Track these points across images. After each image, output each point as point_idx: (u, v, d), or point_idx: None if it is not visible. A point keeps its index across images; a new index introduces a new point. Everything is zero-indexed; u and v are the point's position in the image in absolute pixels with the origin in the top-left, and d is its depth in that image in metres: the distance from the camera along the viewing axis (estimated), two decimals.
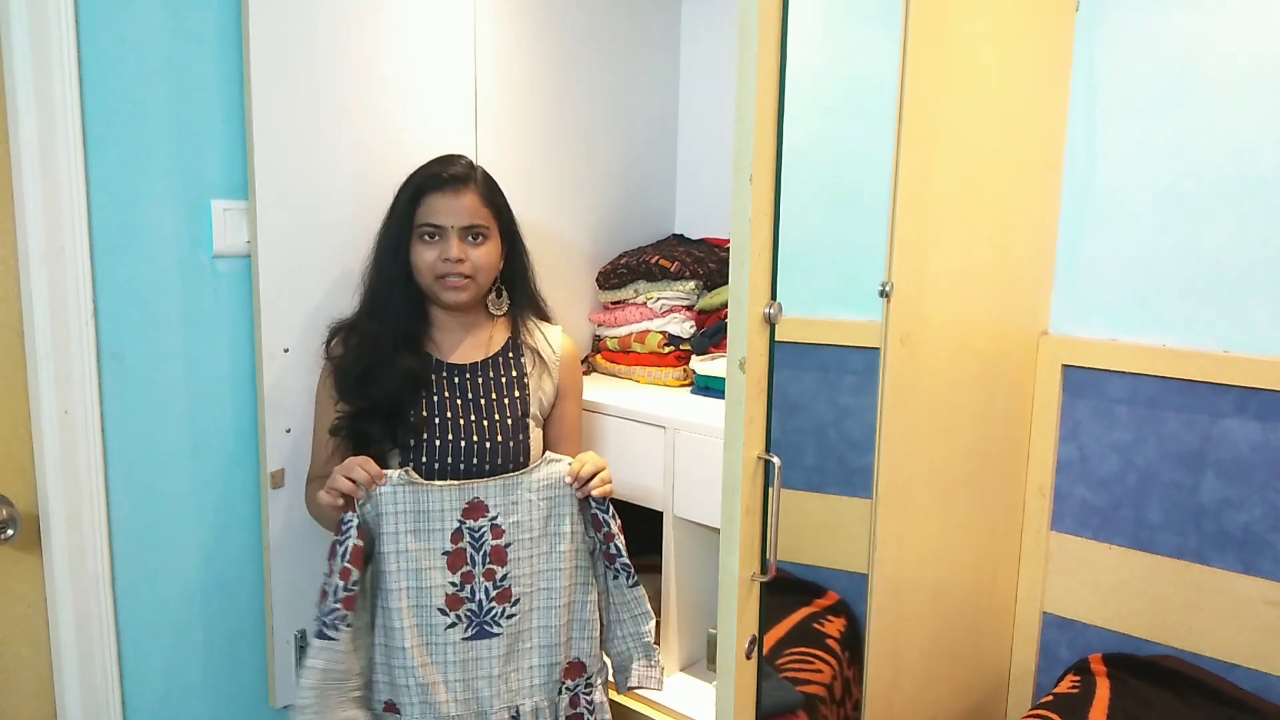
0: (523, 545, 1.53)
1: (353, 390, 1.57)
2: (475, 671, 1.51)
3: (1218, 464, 1.87)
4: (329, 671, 1.42)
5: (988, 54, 1.69)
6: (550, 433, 1.73)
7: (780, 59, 1.14)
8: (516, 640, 1.54)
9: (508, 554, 1.52)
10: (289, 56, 1.62)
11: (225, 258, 1.65)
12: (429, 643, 1.49)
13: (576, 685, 1.59)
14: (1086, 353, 2.00)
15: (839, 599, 2.14)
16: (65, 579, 1.52)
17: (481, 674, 1.52)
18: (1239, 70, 1.80)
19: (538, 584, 1.55)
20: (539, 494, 1.54)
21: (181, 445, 1.64)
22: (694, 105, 2.46)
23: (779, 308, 1.18)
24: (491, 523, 1.52)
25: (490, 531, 1.52)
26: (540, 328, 1.74)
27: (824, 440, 2.14)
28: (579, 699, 1.59)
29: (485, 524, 1.51)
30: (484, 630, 1.52)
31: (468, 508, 1.51)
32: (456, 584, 1.50)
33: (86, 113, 1.48)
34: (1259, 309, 1.81)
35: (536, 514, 1.54)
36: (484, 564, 1.52)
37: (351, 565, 1.41)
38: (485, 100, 1.97)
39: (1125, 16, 1.91)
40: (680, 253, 2.15)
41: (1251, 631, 1.84)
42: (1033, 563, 2.10)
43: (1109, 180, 1.96)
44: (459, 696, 1.50)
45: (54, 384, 1.48)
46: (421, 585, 1.48)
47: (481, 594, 1.51)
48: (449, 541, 1.50)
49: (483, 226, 1.60)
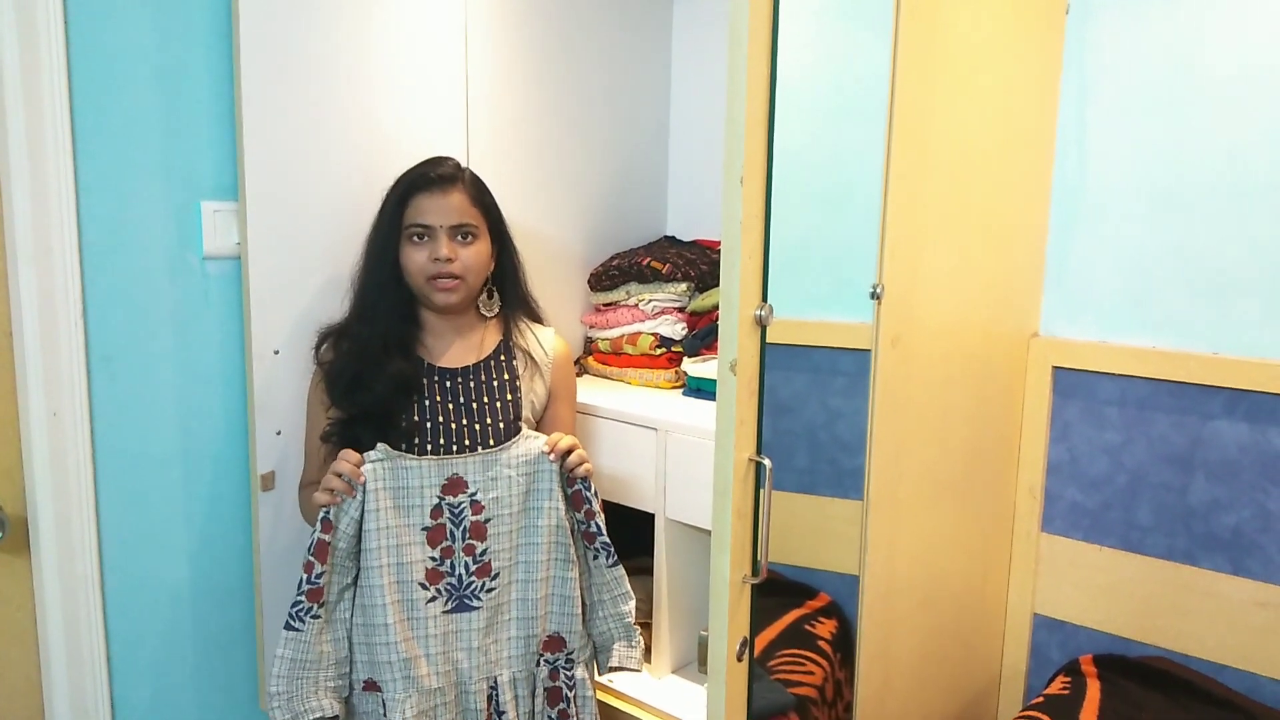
0: (502, 520, 1.54)
1: (344, 396, 1.56)
2: (455, 644, 1.53)
3: (1207, 465, 1.87)
4: (297, 662, 1.44)
5: (979, 56, 1.70)
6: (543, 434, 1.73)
7: (771, 61, 1.14)
8: (496, 613, 1.55)
9: (487, 529, 1.53)
10: (279, 58, 1.61)
11: (215, 259, 1.65)
12: (410, 617, 1.50)
13: (556, 659, 1.60)
14: (1077, 354, 2.00)
15: (830, 601, 2.13)
16: (54, 581, 1.52)
17: (461, 646, 1.53)
18: (1229, 72, 1.81)
19: (517, 558, 1.56)
20: (518, 470, 1.55)
21: (171, 447, 1.63)
22: (686, 107, 2.46)
23: (770, 309, 1.18)
24: (471, 498, 1.53)
25: (470, 507, 1.53)
26: (532, 329, 1.73)
27: (815, 442, 2.14)
28: (558, 673, 1.60)
29: (465, 500, 1.52)
30: (464, 604, 1.53)
31: (447, 484, 1.52)
32: (436, 559, 1.51)
33: (75, 114, 1.47)
34: (1249, 311, 1.81)
35: (516, 490, 1.55)
36: (464, 539, 1.52)
37: (315, 559, 1.43)
38: (476, 102, 1.96)
39: (1116, 19, 1.92)
40: (672, 254, 2.15)
41: (1241, 632, 1.84)
42: (1023, 564, 2.10)
43: (1099, 182, 1.97)
44: (439, 669, 1.51)
45: (43, 385, 1.47)
46: (402, 560, 1.49)
47: (461, 568, 1.53)
48: (429, 517, 1.51)
49: (472, 226, 1.60)
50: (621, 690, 1.82)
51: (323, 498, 1.44)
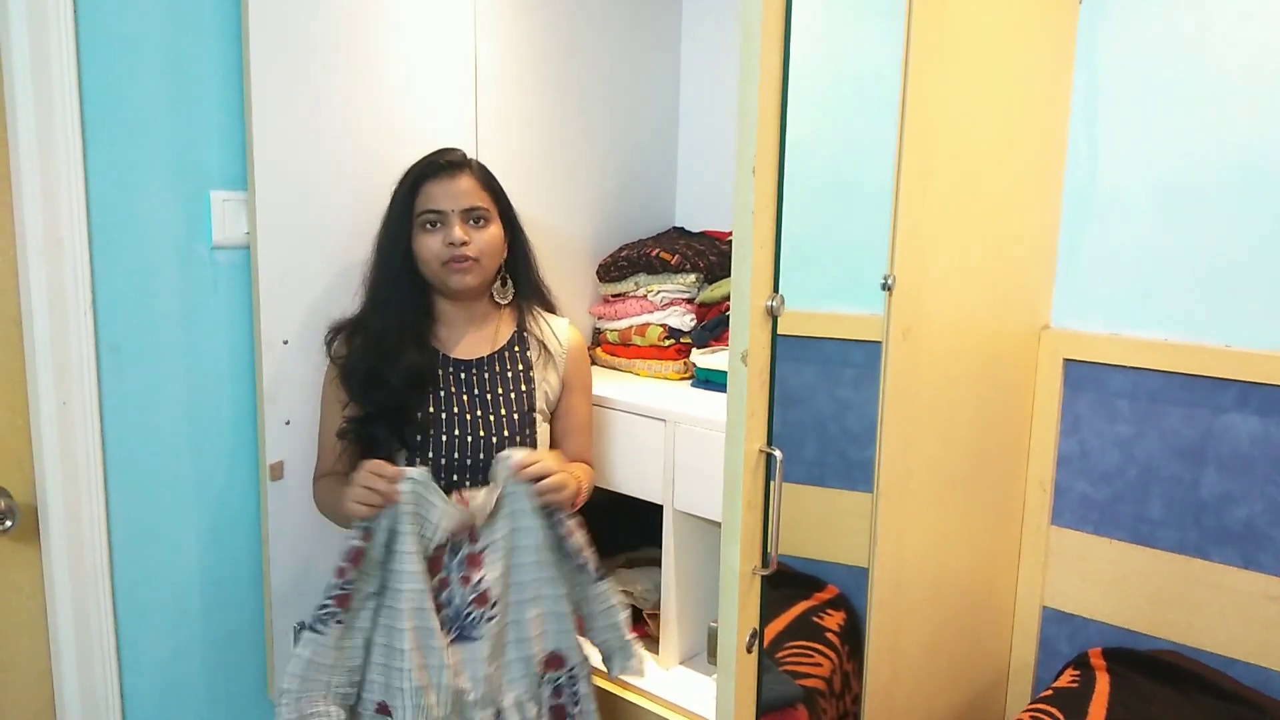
0: (495, 547, 1.52)
1: (360, 392, 1.56)
2: (463, 674, 1.50)
3: (1218, 459, 1.87)
4: (313, 663, 1.43)
5: (990, 49, 1.69)
6: (557, 427, 1.72)
7: (784, 51, 1.14)
8: (498, 640, 1.53)
9: (484, 558, 1.51)
10: (289, 47, 1.61)
11: (224, 249, 1.64)
12: (423, 645, 1.48)
13: (559, 677, 1.58)
14: (1087, 347, 2.00)
15: (838, 593, 2.14)
16: (64, 571, 1.52)
17: (468, 676, 1.50)
18: (1240, 66, 1.79)
19: (509, 579, 1.53)
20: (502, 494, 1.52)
21: (180, 437, 1.63)
22: (695, 97, 2.45)
23: (781, 300, 1.18)
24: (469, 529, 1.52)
25: (467, 537, 1.51)
26: (546, 319, 1.73)
27: (824, 434, 2.14)
28: (562, 690, 1.59)
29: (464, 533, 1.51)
30: (465, 634, 1.51)
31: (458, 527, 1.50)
32: (435, 588, 1.50)
33: (85, 103, 1.47)
34: (1260, 304, 1.80)
35: (502, 512, 1.52)
36: (460, 570, 1.51)
37: (349, 564, 1.42)
38: (485, 91, 1.96)
39: (1127, 11, 1.91)
40: (681, 245, 2.15)
41: (1251, 626, 1.84)
42: (1033, 557, 2.10)
43: (1110, 175, 1.96)
44: (445, 699, 1.48)
45: (52, 375, 1.47)
46: (421, 587, 1.47)
47: (459, 599, 1.51)
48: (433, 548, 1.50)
49: (483, 209, 1.60)
50: (629, 681, 1.81)
51: (358, 510, 1.41)
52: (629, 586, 1.99)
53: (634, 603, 1.97)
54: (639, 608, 1.97)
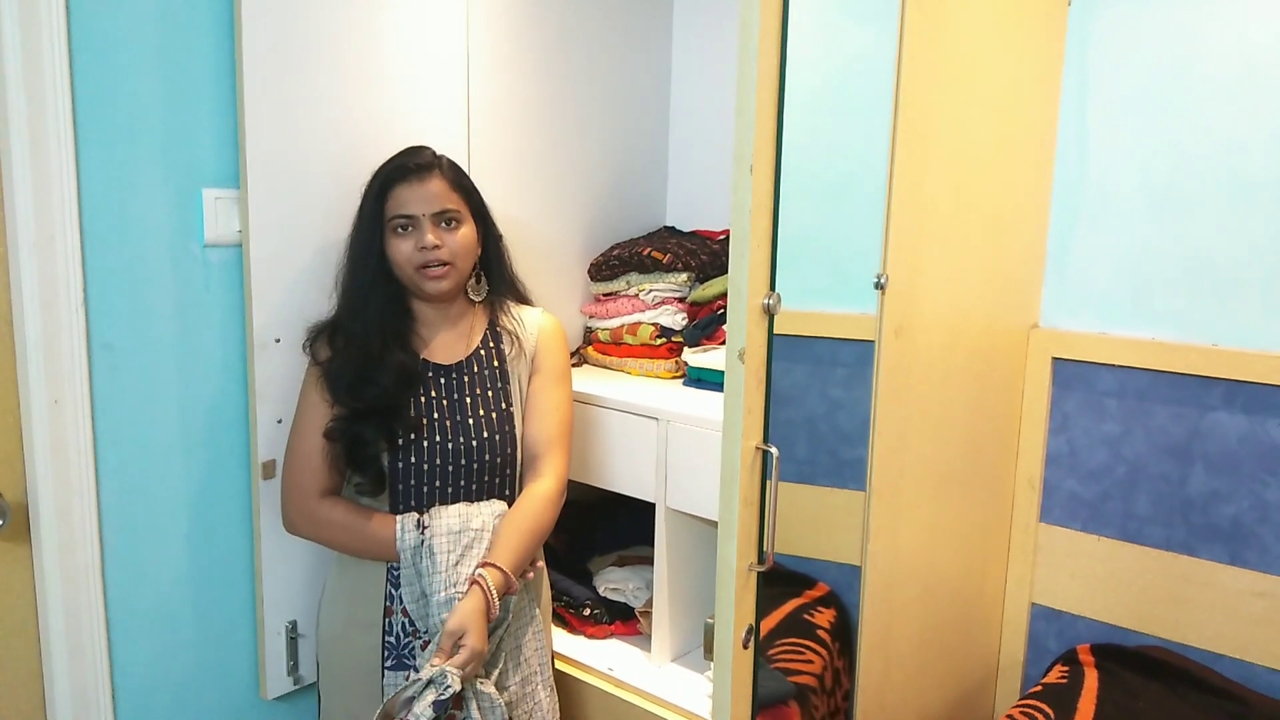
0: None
1: (348, 393, 1.55)
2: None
3: (1206, 456, 1.88)
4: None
5: (982, 50, 1.70)
6: (525, 414, 1.68)
7: (781, 51, 1.14)
8: None
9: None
10: (281, 45, 1.60)
11: (216, 247, 1.64)
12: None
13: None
14: (1076, 346, 2.01)
15: (829, 590, 2.15)
16: (54, 569, 1.51)
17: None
18: (1230, 68, 1.81)
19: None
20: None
21: (172, 435, 1.63)
22: (686, 96, 2.45)
23: (778, 298, 1.18)
24: None
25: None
26: (517, 311, 1.73)
27: (815, 432, 2.15)
28: None
29: None
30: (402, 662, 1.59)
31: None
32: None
33: (77, 101, 1.46)
34: (1248, 303, 1.82)
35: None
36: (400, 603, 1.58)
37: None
38: (477, 91, 1.96)
39: (1117, 13, 1.92)
40: (672, 244, 2.15)
41: (1238, 622, 1.86)
42: (1022, 554, 2.11)
43: (1100, 175, 1.97)
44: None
45: (43, 373, 1.46)
46: None
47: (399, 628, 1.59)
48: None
49: (454, 211, 1.59)
50: (622, 679, 1.82)
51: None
52: (620, 585, 1.99)
53: (626, 601, 1.97)
54: (631, 606, 1.97)
